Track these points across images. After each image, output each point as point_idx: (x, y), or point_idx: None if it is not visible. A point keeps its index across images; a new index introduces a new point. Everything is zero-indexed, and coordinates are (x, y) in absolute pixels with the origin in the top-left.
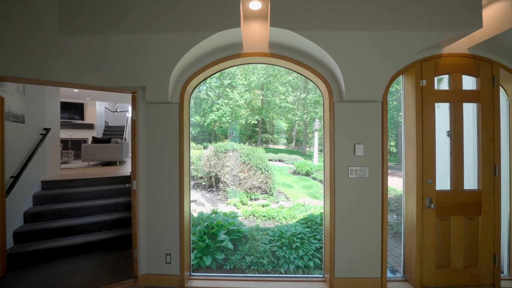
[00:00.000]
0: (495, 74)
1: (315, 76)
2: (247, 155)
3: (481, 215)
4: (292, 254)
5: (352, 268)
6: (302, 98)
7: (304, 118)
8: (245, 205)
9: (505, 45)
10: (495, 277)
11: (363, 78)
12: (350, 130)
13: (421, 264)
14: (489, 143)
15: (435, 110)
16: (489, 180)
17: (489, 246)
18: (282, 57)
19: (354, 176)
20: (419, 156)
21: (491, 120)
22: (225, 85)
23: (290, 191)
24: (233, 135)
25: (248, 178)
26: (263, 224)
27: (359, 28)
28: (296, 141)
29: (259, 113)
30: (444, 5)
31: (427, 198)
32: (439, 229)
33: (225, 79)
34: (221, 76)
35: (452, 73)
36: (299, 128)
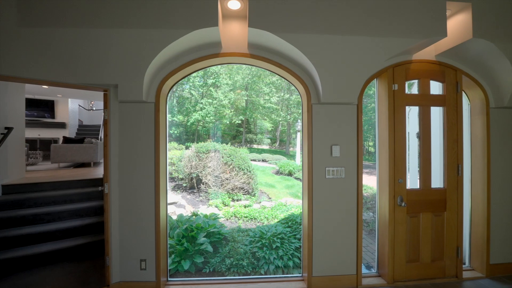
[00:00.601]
0: (458, 80)
1: (293, 78)
2: (229, 155)
3: (446, 212)
4: (272, 254)
5: (329, 266)
6: (286, 99)
7: (288, 118)
8: (227, 206)
9: (466, 53)
10: (458, 269)
11: (339, 81)
12: (327, 131)
13: (393, 260)
14: (453, 145)
15: (405, 113)
16: (453, 179)
17: (453, 240)
18: (261, 58)
19: (331, 176)
20: (391, 156)
21: (455, 123)
22: (209, 84)
23: (272, 191)
24: (217, 135)
25: (230, 178)
26: (245, 225)
27: (336, 32)
28: (280, 141)
29: (243, 113)
30: (413, 15)
31: (398, 196)
32: (409, 225)
33: (209, 78)
34: (205, 75)
35: (421, 78)
36: (282, 129)
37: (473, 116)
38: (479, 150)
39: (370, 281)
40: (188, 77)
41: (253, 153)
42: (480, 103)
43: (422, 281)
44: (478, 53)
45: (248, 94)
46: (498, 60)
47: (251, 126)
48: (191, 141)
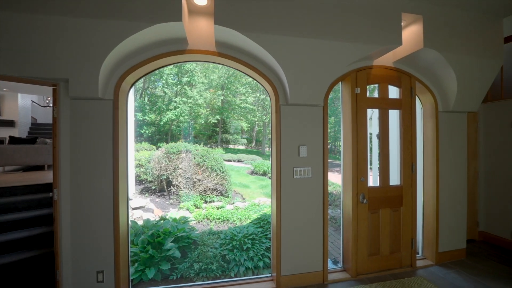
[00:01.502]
0: (412, 86)
1: (262, 78)
2: (201, 156)
3: (402, 207)
4: (242, 256)
5: (297, 264)
6: (262, 99)
7: (264, 119)
8: (199, 209)
9: (419, 62)
10: (412, 258)
11: (306, 83)
12: (295, 132)
13: (356, 254)
14: (408, 145)
15: (367, 115)
16: (408, 176)
17: (408, 233)
18: (229, 57)
19: (299, 176)
20: (354, 156)
21: (409, 125)
22: (184, 82)
23: (246, 192)
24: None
25: (202, 180)
26: (217, 227)
27: (302, 35)
28: (256, 141)
29: (219, 113)
30: (373, 23)
31: (361, 194)
32: (370, 221)
33: (184, 77)
34: (179, 73)
35: (381, 83)
36: (259, 129)
37: (425, 119)
38: (430, 149)
39: (335, 276)
40: (161, 75)
41: (229, 153)
42: (430, 107)
43: (382, 272)
44: (428, 61)
45: (224, 93)
46: (445, 69)
47: (227, 126)
48: (165, 141)
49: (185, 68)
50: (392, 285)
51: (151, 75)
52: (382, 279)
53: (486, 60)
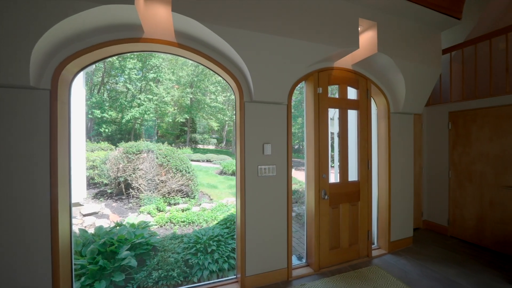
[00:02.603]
0: (368, 88)
1: (226, 74)
2: (165, 156)
3: (359, 201)
4: (207, 259)
5: (262, 263)
6: (232, 99)
7: (234, 118)
8: (162, 212)
9: (374, 65)
10: (369, 249)
11: (271, 80)
12: (260, 130)
13: (319, 249)
14: (364, 143)
15: (328, 115)
16: (364, 172)
17: (364, 225)
18: (191, 49)
19: (263, 174)
20: (316, 154)
21: (366, 125)
22: (149, 78)
23: (214, 192)
24: (158, 134)
25: (166, 181)
26: (181, 231)
27: (267, 31)
28: (226, 141)
29: (187, 112)
30: (334, 26)
31: (322, 190)
32: (331, 216)
33: (149, 72)
34: (144, 68)
35: (341, 84)
36: (229, 128)
37: (379, 119)
38: (383, 147)
39: (299, 272)
40: (123, 69)
41: (197, 153)
42: (383, 109)
43: (342, 264)
44: (381, 66)
45: (193, 92)
46: (395, 73)
47: (196, 126)
48: (127, 140)
49: (150, 63)
50: (351, 276)
51: (111, 69)
52: (342, 271)
53: (429, 68)
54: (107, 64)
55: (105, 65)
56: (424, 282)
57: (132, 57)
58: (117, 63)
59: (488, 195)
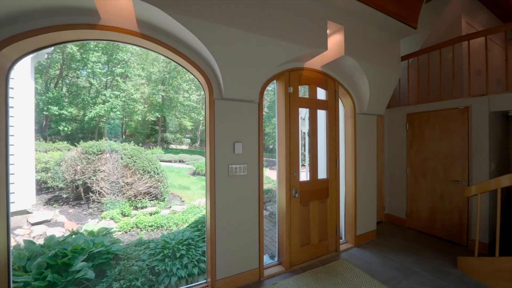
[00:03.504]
0: (336, 89)
1: (195, 69)
2: (130, 156)
3: (328, 198)
4: (175, 265)
5: (233, 265)
6: None
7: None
8: (127, 216)
9: (341, 67)
10: (337, 244)
11: (242, 78)
12: (230, 128)
13: (290, 246)
14: (333, 142)
15: (299, 114)
16: (333, 170)
17: (333, 221)
18: (155, 40)
19: (234, 174)
20: (287, 153)
21: (334, 124)
22: (116, 73)
23: (186, 193)
24: (126, 133)
25: (132, 183)
26: (148, 236)
27: (239, 27)
28: (200, 141)
29: (159, 110)
30: (305, 26)
31: (293, 188)
32: (302, 213)
33: (116, 67)
34: (110, 62)
35: (311, 84)
36: (203, 128)
37: (346, 119)
38: (350, 146)
39: (271, 271)
40: (85, 62)
41: (169, 153)
42: (350, 109)
43: (312, 260)
44: (348, 68)
45: (165, 89)
46: (360, 76)
47: (168, 125)
48: (91, 140)
49: (117, 57)
50: (320, 271)
51: (72, 61)
52: (312, 266)
53: (390, 72)
54: (66, 56)
55: (63, 56)
56: (386, 272)
57: (96, 49)
58: (78, 55)
59: (439, 189)
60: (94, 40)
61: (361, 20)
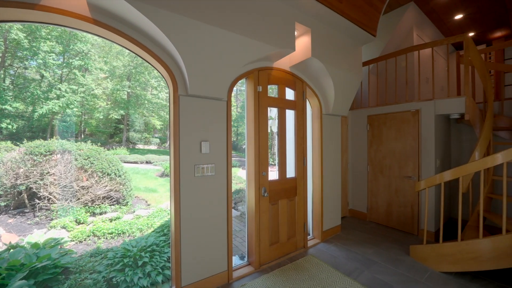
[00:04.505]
0: (304, 90)
1: (157, 62)
2: (87, 157)
3: (296, 196)
4: (136, 274)
5: (200, 269)
6: None
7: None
8: (83, 224)
9: (308, 69)
10: (305, 240)
11: (209, 74)
12: (197, 126)
13: (259, 246)
14: (301, 141)
15: (268, 113)
16: (301, 169)
17: (301, 218)
18: (110, 28)
19: (201, 174)
20: (256, 152)
21: (302, 124)
22: (74, 66)
23: (153, 196)
24: (86, 132)
25: (89, 187)
26: (107, 244)
27: (207, 21)
28: None
29: (124, 108)
30: (273, 26)
31: (262, 188)
32: (271, 212)
33: (74, 59)
34: (66, 53)
35: (279, 84)
36: None
37: (313, 119)
38: (317, 145)
39: (240, 272)
40: (35, 51)
41: (136, 154)
42: (317, 110)
43: (281, 258)
44: (315, 70)
45: (132, 85)
46: (326, 78)
47: (135, 124)
48: (42, 139)
49: (75, 48)
50: (289, 268)
51: (17, 50)
52: (281, 264)
53: (353, 75)
54: (10, 43)
55: (6, 44)
56: (349, 264)
57: (49, 38)
58: (25, 43)
59: (394, 184)
60: (34, 23)
61: (327, 24)
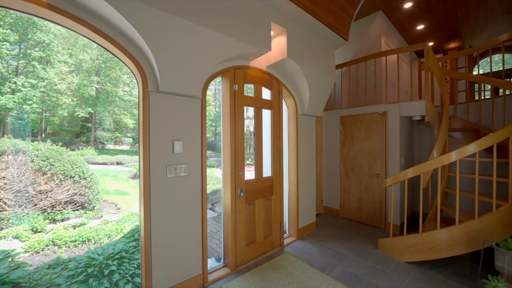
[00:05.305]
0: (280, 90)
1: (125, 56)
2: (46, 158)
3: (273, 195)
4: (102, 284)
5: (173, 275)
6: None
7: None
8: (40, 233)
9: (285, 69)
10: (281, 239)
11: (181, 70)
12: (169, 125)
13: (235, 247)
14: (277, 141)
15: (244, 112)
16: (277, 168)
17: (277, 217)
18: (69, 15)
19: (173, 175)
20: (232, 151)
21: (278, 124)
22: (33, 57)
23: (124, 200)
24: (47, 131)
25: (48, 191)
26: (70, 254)
27: (180, 15)
28: None
29: (92, 105)
30: (248, 24)
31: (238, 188)
32: (247, 212)
33: (33, 49)
34: (22, 42)
35: (256, 84)
36: None
37: (289, 119)
38: (292, 145)
39: (216, 274)
40: None
41: (105, 154)
42: (293, 110)
43: (258, 257)
44: (291, 70)
45: (101, 81)
46: (301, 79)
47: (105, 122)
48: None
49: (35, 37)
50: (265, 268)
51: None
52: (258, 264)
53: (326, 77)
54: None
55: None
56: (323, 260)
57: (2, 24)
58: None
59: (364, 182)
60: None
61: (303, 26)
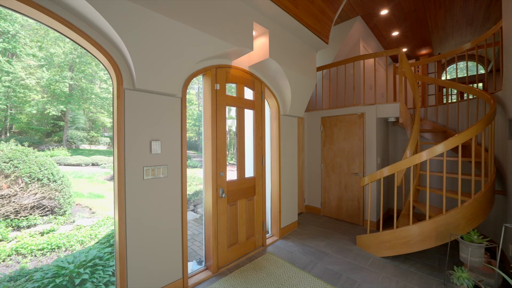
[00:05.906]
0: (263, 90)
1: (98, 51)
2: (8, 160)
3: (255, 195)
4: None
5: (150, 281)
6: None
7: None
8: (1, 242)
9: (267, 70)
10: (264, 239)
11: (159, 68)
12: (146, 124)
13: (217, 249)
14: (259, 141)
15: (226, 112)
16: (259, 168)
17: (260, 217)
18: (40, 8)
19: (151, 176)
20: (214, 152)
21: (260, 124)
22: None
23: (99, 203)
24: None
25: (10, 196)
26: (37, 263)
27: (159, 10)
28: None
29: (65, 102)
30: (231, 23)
31: (220, 188)
32: (229, 213)
33: None
34: None
35: (238, 83)
36: None
37: (272, 119)
38: (275, 145)
39: (197, 278)
40: None
41: (79, 155)
42: (275, 110)
43: (241, 259)
44: (273, 71)
45: (75, 77)
46: (283, 79)
47: (79, 121)
48: None
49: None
50: (247, 269)
51: None
52: (240, 265)
53: (308, 79)
54: None
55: None
56: (304, 258)
57: None
58: None
59: (344, 181)
60: None
61: (285, 28)
